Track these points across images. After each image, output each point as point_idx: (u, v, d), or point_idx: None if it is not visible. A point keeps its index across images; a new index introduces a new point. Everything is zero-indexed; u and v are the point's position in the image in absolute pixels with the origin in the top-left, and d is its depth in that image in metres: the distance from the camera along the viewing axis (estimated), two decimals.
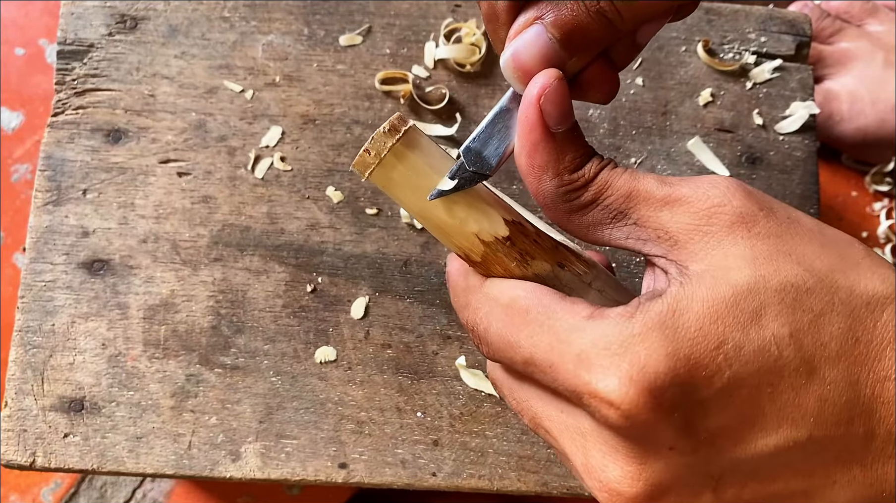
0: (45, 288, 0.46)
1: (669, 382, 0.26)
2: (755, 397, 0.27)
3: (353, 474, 0.44)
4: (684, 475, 0.28)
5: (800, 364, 0.27)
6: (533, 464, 0.45)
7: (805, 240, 0.29)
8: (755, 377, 0.27)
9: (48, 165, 0.48)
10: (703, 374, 0.27)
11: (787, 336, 0.27)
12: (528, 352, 0.29)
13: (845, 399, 0.27)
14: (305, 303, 0.46)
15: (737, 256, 0.28)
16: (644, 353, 0.27)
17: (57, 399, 0.44)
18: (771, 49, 0.53)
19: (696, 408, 0.27)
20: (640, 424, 0.27)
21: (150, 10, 0.50)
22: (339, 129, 0.49)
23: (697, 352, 0.27)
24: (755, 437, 0.28)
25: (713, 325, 0.27)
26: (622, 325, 0.28)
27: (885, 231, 0.67)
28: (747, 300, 0.27)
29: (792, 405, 0.27)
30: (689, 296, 0.28)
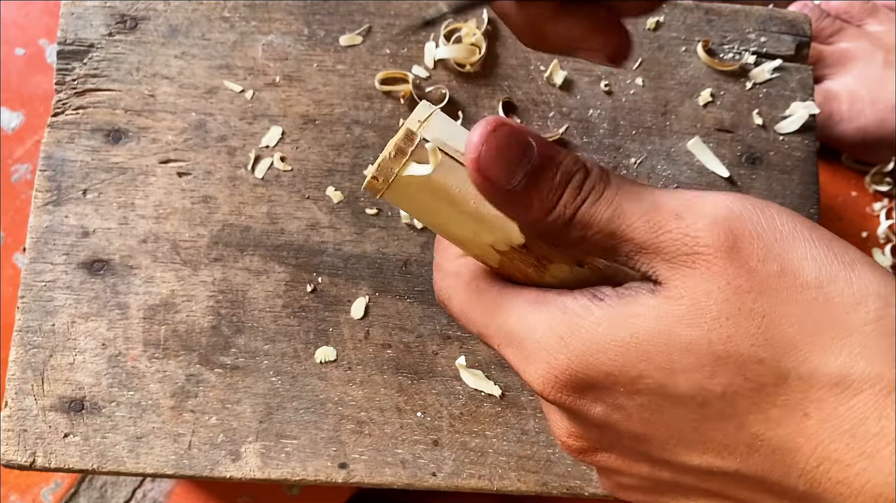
0: (45, 288, 0.46)
1: (588, 384, 0.28)
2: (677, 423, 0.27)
3: (353, 474, 0.44)
4: (617, 449, 0.29)
5: (729, 416, 0.26)
6: (533, 464, 0.45)
7: (790, 301, 0.25)
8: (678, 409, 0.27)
9: (48, 165, 0.48)
10: (623, 390, 0.27)
11: (719, 394, 0.26)
12: (481, 327, 0.31)
13: (780, 457, 0.25)
14: (305, 303, 0.46)
15: (697, 309, 0.26)
16: (564, 358, 0.27)
17: (57, 399, 0.44)
18: (771, 49, 0.53)
19: (616, 410, 0.28)
20: (566, 407, 0.29)
21: (150, 10, 0.50)
22: (339, 129, 0.49)
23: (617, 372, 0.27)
24: (679, 452, 0.28)
25: (636, 361, 0.26)
26: (553, 320, 0.28)
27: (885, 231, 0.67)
28: (681, 355, 0.26)
29: (717, 441, 0.27)
30: (625, 320, 0.27)
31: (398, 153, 0.28)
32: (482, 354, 0.46)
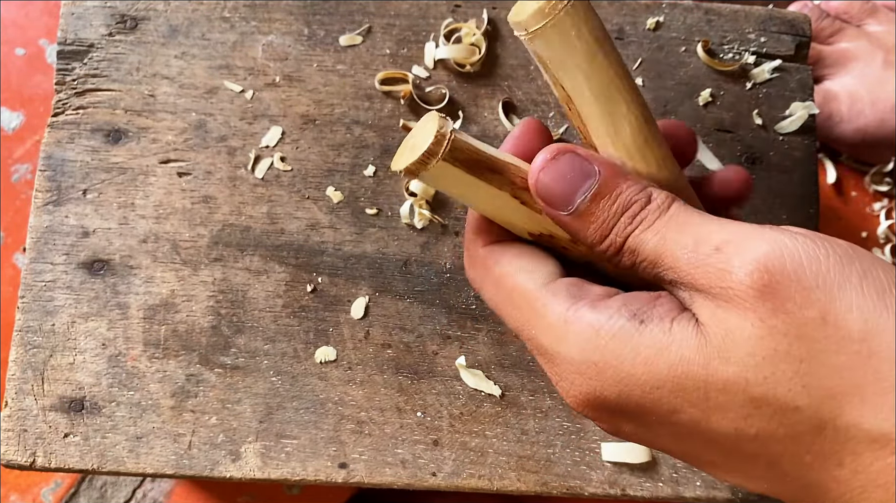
0: (45, 288, 0.46)
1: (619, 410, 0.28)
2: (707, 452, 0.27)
3: (353, 474, 0.44)
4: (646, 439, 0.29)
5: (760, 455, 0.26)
6: (533, 464, 0.45)
7: (831, 350, 0.24)
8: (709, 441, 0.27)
9: (48, 165, 0.48)
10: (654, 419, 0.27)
11: (752, 435, 0.25)
12: (514, 324, 0.30)
13: (810, 493, 0.25)
14: (305, 303, 0.47)
15: (734, 345, 0.25)
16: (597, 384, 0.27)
17: (57, 399, 0.44)
18: (771, 49, 0.53)
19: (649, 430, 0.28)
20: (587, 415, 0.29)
21: (150, 10, 0.50)
22: (339, 129, 0.49)
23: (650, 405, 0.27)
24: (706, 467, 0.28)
25: (670, 395, 0.26)
26: (586, 344, 0.27)
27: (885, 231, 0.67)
28: (717, 394, 0.25)
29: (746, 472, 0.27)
30: (662, 351, 0.26)
31: (439, 138, 0.29)
32: (482, 354, 0.46)
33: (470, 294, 0.47)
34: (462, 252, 0.48)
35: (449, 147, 0.29)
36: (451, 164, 0.29)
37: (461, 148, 0.29)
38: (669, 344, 0.26)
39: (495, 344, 0.46)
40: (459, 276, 0.47)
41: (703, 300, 0.26)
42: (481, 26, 0.51)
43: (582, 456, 0.45)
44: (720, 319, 0.25)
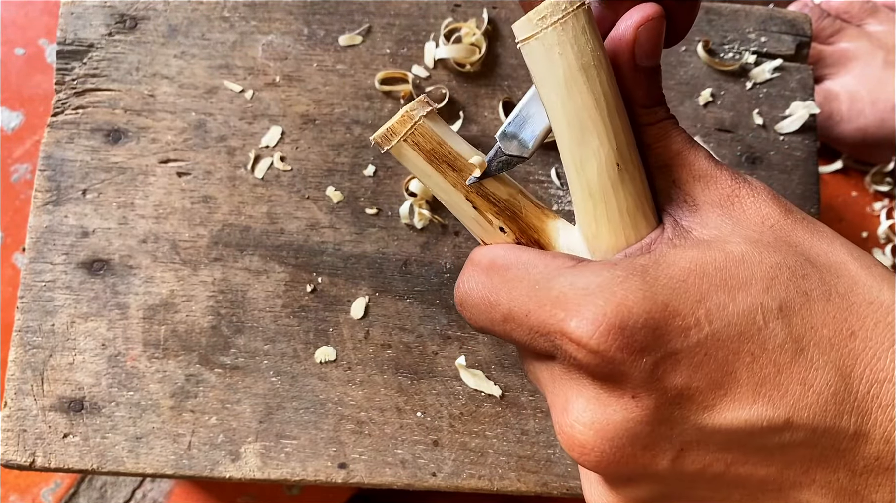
0: (44, 288, 0.46)
1: (643, 323, 0.26)
2: (732, 363, 0.26)
3: (353, 474, 0.44)
4: (642, 434, 0.27)
5: (786, 340, 0.26)
6: (533, 464, 0.45)
7: (816, 238, 0.29)
8: (735, 341, 0.26)
9: (48, 165, 0.48)
10: (680, 324, 0.26)
11: (776, 309, 0.27)
12: (507, 307, 0.29)
13: (833, 389, 0.26)
14: (305, 303, 0.46)
15: (741, 235, 0.28)
16: (621, 293, 0.26)
17: (57, 399, 0.44)
18: (771, 49, 0.53)
19: (667, 358, 0.26)
20: (607, 362, 0.26)
21: (150, 10, 0.50)
22: (339, 129, 0.49)
23: (677, 301, 0.26)
24: (725, 407, 0.26)
25: (698, 280, 0.27)
26: (604, 270, 0.27)
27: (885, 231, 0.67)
28: (738, 267, 0.27)
29: (771, 381, 0.26)
30: (679, 253, 0.28)
31: (406, 119, 0.31)
32: (482, 354, 0.46)
33: None
34: (461, 252, 0.48)
35: (412, 130, 0.31)
36: (411, 146, 0.31)
37: (424, 134, 0.31)
38: (682, 249, 0.28)
39: (495, 344, 0.46)
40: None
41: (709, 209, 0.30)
42: (481, 26, 0.51)
43: None
44: (726, 220, 0.29)
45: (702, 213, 0.30)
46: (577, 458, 0.28)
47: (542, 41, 0.28)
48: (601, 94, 0.29)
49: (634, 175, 0.30)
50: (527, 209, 0.32)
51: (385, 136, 0.31)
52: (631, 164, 0.30)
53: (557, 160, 0.49)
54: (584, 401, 0.27)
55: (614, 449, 0.27)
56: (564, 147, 0.30)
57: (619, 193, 0.29)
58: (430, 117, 0.31)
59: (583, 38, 0.28)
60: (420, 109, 0.31)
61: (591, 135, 0.29)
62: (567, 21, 0.28)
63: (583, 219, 0.30)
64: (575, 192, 0.30)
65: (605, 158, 0.29)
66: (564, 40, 0.28)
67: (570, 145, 0.29)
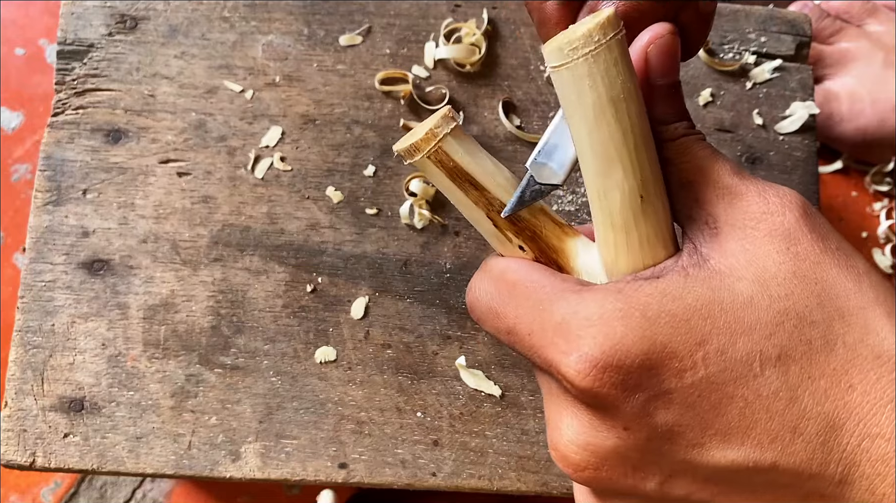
0: (45, 288, 0.46)
1: (639, 364, 0.26)
2: (724, 406, 0.27)
3: (353, 474, 0.44)
4: (633, 458, 0.28)
5: (780, 387, 0.26)
6: (533, 464, 0.45)
7: (842, 275, 0.27)
8: (730, 386, 0.26)
9: (48, 165, 0.48)
10: (676, 366, 0.27)
11: (775, 357, 0.26)
12: (512, 321, 0.30)
13: (823, 439, 0.26)
14: (305, 303, 0.46)
15: (757, 268, 0.27)
16: (620, 331, 0.27)
17: (57, 399, 0.44)
18: (771, 49, 0.53)
19: (660, 397, 0.27)
20: (601, 398, 0.27)
21: (150, 10, 0.50)
22: (339, 129, 0.49)
23: (676, 342, 0.27)
24: (715, 446, 0.27)
25: (701, 322, 0.27)
26: (607, 300, 0.27)
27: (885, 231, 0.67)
28: (744, 311, 0.27)
29: (762, 426, 0.26)
30: (687, 287, 0.27)
31: (429, 136, 0.30)
32: (482, 354, 0.46)
33: None
34: (461, 252, 0.48)
35: (435, 149, 0.30)
36: (434, 163, 0.31)
37: (447, 153, 0.30)
38: (692, 282, 0.28)
39: (495, 344, 0.46)
40: (459, 276, 0.47)
41: (734, 221, 0.28)
42: (481, 26, 0.51)
43: None
44: (747, 247, 0.28)
45: (722, 239, 0.29)
46: (569, 475, 0.29)
47: (573, 71, 0.28)
48: (629, 128, 0.28)
49: (658, 206, 0.29)
50: (547, 228, 0.32)
51: (409, 151, 0.31)
52: (655, 196, 0.29)
53: None
54: (579, 424, 0.29)
55: (606, 468, 0.28)
56: (589, 176, 0.29)
57: (641, 224, 0.29)
58: (454, 134, 0.30)
59: (614, 70, 0.28)
60: (444, 126, 0.30)
61: (616, 166, 0.29)
62: (599, 53, 0.27)
63: (602, 245, 0.30)
64: (596, 218, 0.30)
65: (629, 190, 0.29)
66: (595, 72, 0.28)
67: (594, 175, 0.29)
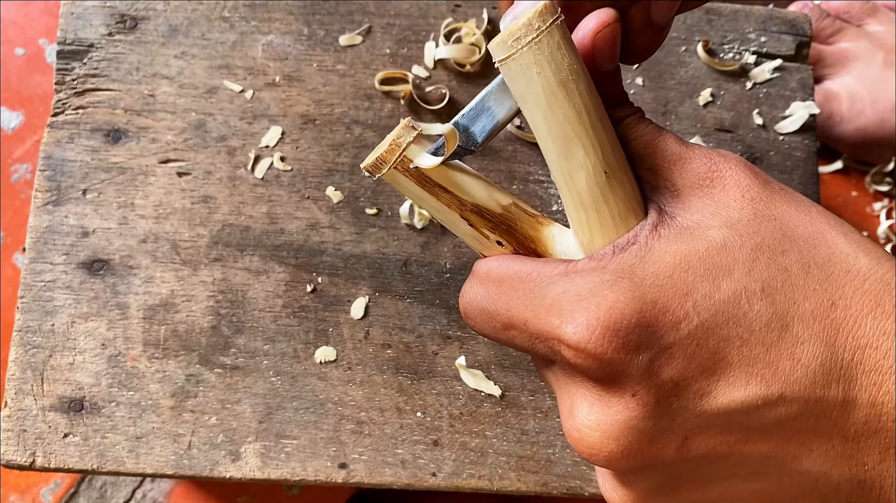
0: (44, 288, 0.46)
1: (635, 323, 0.27)
2: (722, 349, 0.27)
3: (353, 474, 0.44)
4: (646, 429, 0.28)
5: (771, 319, 0.27)
6: (533, 464, 0.45)
7: (794, 209, 0.29)
8: (724, 328, 0.27)
9: (48, 165, 0.48)
10: (670, 319, 0.27)
11: (759, 291, 0.27)
12: (506, 317, 0.30)
13: (820, 360, 0.27)
14: (305, 303, 0.46)
15: (722, 216, 0.29)
16: (612, 296, 0.27)
17: (57, 399, 0.44)
18: (771, 49, 0.53)
19: (661, 353, 0.27)
20: (605, 364, 0.27)
21: (150, 10, 0.50)
22: (339, 129, 0.49)
23: (665, 297, 0.27)
24: (721, 391, 0.27)
25: (683, 274, 0.28)
26: (592, 275, 0.28)
27: (885, 231, 0.67)
28: (720, 255, 0.28)
29: (762, 361, 0.27)
30: (663, 246, 0.29)
31: (393, 147, 0.31)
32: (482, 354, 0.46)
33: None
34: (461, 252, 0.48)
35: (400, 159, 0.31)
36: (401, 173, 0.31)
37: (413, 160, 0.31)
38: (666, 240, 0.29)
39: (495, 344, 0.46)
40: (459, 276, 0.47)
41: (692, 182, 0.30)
42: (481, 26, 0.51)
43: None
44: (706, 201, 0.30)
45: (683, 198, 0.30)
46: (587, 458, 0.29)
47: (519, 62, 0.28)
48: (582, 107, 0.29)
49: (623, 179, 0.30)
50: (521, 220, 0.32)
51: (375, 165, 0.31)
52: (618, 170, 0.30)
53: None
54: (588, 403, 0.29)
55: (621, 447, 0.28)
56: (552, 161, 0.30)
57: (610, 200, 0.30)
58: (417, 141, 0.31)
59: (559, 54, 0.28)
60: (406, 135, 0.31)
61: (576, 147, 0.29)
62: (542, 40, 0.28)
63: (576, 227, 0.31)
64: (566, 202, 0.31)
65: (593, 168, 0.29)
66: (541, 59, 0.28)
67: (556, 159, 0.30)
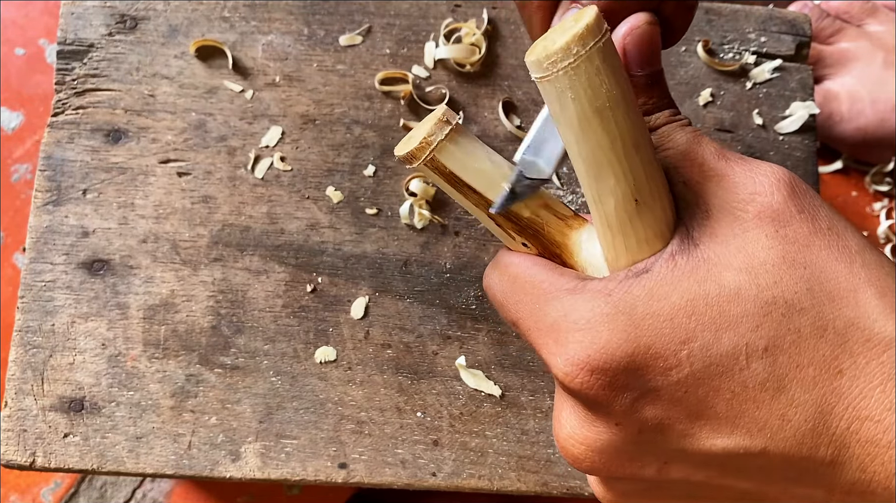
0: (45, 288, 0.46)
1: (624, 366, 0.27)
2: (711, 398, 0.27)
3: (353, 474, 0.44)
4: (628, 450, 0.29)
5: (767, 379, 0.26)
6: (533, 464, 0.45)
7: (833, 257, 0.27)
8: (716, 380, 0.27)
9: (48, 165, 0.48)
10: (661, 365, 0.27)
11: (762, 349, 0.26)
12: (514, 316, 0.31)
13: (812, 425, 0.26)
14: (305, 303, 0.46)
15: (746, 255, 0.27)
16: (606, 335, 0.27)
17: (57, 399, 0.44)
18: (771, 49, 0.53)
19: (646, 395, 0.27)
20: (590, 398, 0.28)
21: (150, 10, 0.50)
22: (339, 129, 0.49)
23: (660, 343, 0.27)
24: (704, 436, 0.27)
25: (685, 320, 0.27)
26: (595, 302, 0.28)
27: (885, 231, 0.67)
28: (730, 304, 0.27)
29: (749, 415, 0.27)
30: (674, 283, 0.27)
31: (424, 145, 0.30)
32: (482, 354, 0.46)
33: (470, 294, 0.47)
34: (461, 252, 0.48)
35: (430, 157, 0.30)
36: (430, 170, 0.31)
37: (442, 161, 0.31)
38: (679, 275, 0.27)
39: (495, 344, 0.46)
40: (459, 276, 0.47)
41: (722, 204, 0.28)
42: (481, 26, 0.51)
43: None
44: (736, 232, 0.27)
45: (713, 222, 0.28)
46: (571, 464, 0.30)
47: (554, 84, 0.27)
48: (617, 135, 0.27)
49: (654, 205, 0.29)
50: (549, 225, 0.32)
51: (406, 158, 0.31)
52: (650, 197, 0.29)
53: None
54: (576, 419, 0.30)
55: (603, 461, 0.29)
56: (583, 179, 0.29)
57: (638, 226, 0.29)
58: (449, 138, 0.30)
59: (597, 79, 0.27)
60: (438, 133, 0.30)
61: (607, 173, 0.28)
62: (579, 65, 0.26)
63: (602, 244, 0.30)
64: (595, 218, 0.30)
65: (623, 196, 0.28)
66: (577, 85, 0.27)
67: (587, 179, 0.29)
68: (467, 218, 0.48)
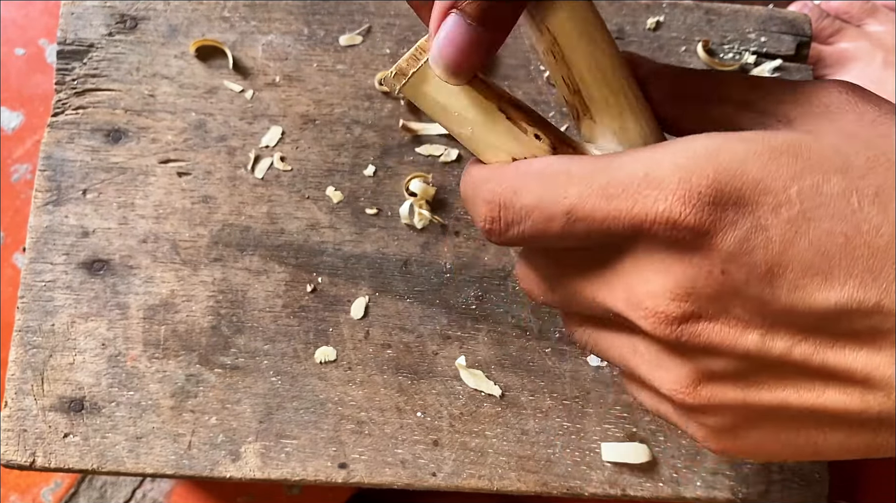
0: (45, 288, 0.46)
1: (735, 198, 0.25)
2: (824, 243, 0.25)
3: (353, 474, 0.44)
4: (733, 306, 0.27)
5: (881, 224, 0.25)
6: (533, 464, 0.45)
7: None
8: (828, 221, 0.25)
9: (48, 165, 0.48)
10: (771, 201, 0.25)
11: (872, 194, 0.25)
12: (571, 202, 0.27)
13: None
14: (305, 303, 0.46)
15: (838, 128, 0.27)
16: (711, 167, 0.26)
17: (57, 399, 0.44)
18: (771, 49, 0.53)
19: (758, 233, 0.26)
20: (697, 226, 0.26)
21: (150, 10, 0.50)
22: (339, 128, 0.49)
23: (769, 178, 0.26)
24: (816, 287, 0.26)
25: (791, 160, 0.26)
26: (693, 141, 0.26)
27: None
28: (835, 156, 0.26)
29: (864, 264, 0.25)
30: (770, 135, 0.26)
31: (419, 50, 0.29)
32: (482, 354, 0.46)
33: (470, 294, 0.47)
34: (461, 252, 0.48)
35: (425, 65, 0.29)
36: (427, 78, 0.29)
37: None
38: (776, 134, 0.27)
39: (495, 344, 0.46)
40: (459, 276, 0.47)
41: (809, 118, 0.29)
42: None
43: (582, 456, 0.45)
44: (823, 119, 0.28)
45: (796, 122, 0.29)
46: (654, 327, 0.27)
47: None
48: None
49: None
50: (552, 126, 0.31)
51: (397, 77, 0.29)
52: None
53: None
54: (672, 274, 0.27)
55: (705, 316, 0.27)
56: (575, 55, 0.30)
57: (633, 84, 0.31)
58: None
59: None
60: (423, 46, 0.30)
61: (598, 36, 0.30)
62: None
63: (605, 116, 0.30)
64: (593, 92, 0.30)
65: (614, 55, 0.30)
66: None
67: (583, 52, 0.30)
68: (467, 218, 0.48)
